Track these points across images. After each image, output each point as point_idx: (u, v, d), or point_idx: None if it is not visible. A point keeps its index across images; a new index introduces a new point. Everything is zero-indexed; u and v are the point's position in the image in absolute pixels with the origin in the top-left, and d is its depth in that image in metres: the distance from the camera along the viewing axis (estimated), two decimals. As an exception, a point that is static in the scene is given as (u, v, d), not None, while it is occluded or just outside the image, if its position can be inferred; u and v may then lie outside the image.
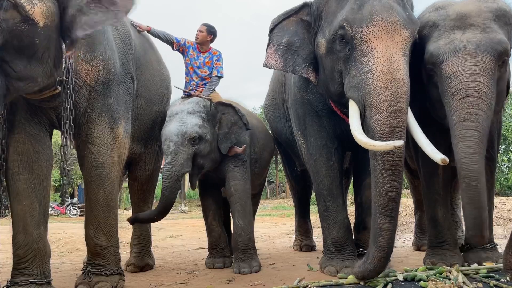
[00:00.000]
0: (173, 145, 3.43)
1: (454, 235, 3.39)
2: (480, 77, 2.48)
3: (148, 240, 3.98)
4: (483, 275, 2.72)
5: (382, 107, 2.42)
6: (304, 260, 4.02)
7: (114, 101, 2.90)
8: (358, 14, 2.58)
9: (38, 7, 2.21)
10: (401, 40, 2.53)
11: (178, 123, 3.50)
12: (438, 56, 2.66)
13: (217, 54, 4.05)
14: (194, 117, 3.56)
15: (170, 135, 3.46)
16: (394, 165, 2.40)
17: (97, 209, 2.88)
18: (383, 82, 2.44)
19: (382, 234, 2.44)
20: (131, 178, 3.98)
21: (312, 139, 3.38)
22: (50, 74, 2.41)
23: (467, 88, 2.47)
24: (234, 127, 3.71)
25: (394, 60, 2.47)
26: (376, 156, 2.44)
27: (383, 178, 2.41)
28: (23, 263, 2.68)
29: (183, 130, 3.47)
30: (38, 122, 2.78)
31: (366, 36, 2.53)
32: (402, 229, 6.50)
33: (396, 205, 2.46)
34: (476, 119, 2.43)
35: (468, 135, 2.42)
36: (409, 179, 4.86)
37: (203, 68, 4.04)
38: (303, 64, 3.03)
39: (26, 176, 2.70)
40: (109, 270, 2.92)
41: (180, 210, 15.75)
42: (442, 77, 2.62)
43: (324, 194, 3.35)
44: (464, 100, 2.47)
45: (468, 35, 2.62)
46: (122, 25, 3.13)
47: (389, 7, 2.54)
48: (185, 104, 3.67)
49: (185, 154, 3.45)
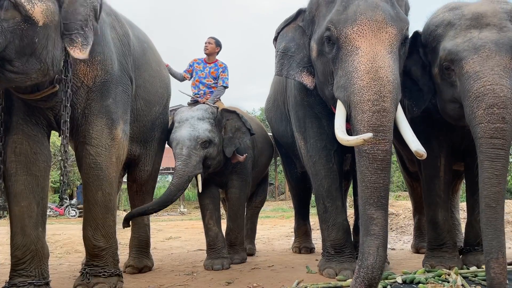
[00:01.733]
0: (186, 148, 3.68)
1: (454, 238, 3.39)
2: (503, 80, 2.44)
3: (147, 242, 3.97)
4: (482, 278, 2.71)
5: (365, 107, 2.38)
6: (303, 262, 4.02)
7: (112, 102, 2.90)
8: (343, 14, 2.57)
9: (38, 7, 2.23)
10: (387, 37, 2.49)
11: (189, 128, 3.77)
12: (457, 54, 2.62)
13: (222, 66, 4.40)
14: (204, 123, 3.83)
15: (182, 139, 3.72)
16: (380, 161, 2.35)
17: (96, 210, 2.87)
18: (366, 81, 2.40)
19: (375, 223, 2.33)
20: (130, 179, 3.98)
21: (312, 141, 3.38)
22: (46, 72, 2.40)
23: (492, 94, 2.41)
24: (238, 132, 3.99)
25: (378, 58, 2.43)
26: (361, 153, 2.40)
27: (369, 172, 2.36)
28: (21, 264, 2.67)
29: (195, 134, 3.73)
30: (35, 123, 2.78)
31: (350, 35, 2.51)
32: (401, 232, 6.50)
33: (385, 196, 2.39)
34: (502, 136, 2.39)
35: (495, 154, 2.39)
36: (407, 181, 4.86)
37: (208, 77, 4.37)
38: (297, 68, 3.06)
39: (24, 177, 2.70)
40: (108, 272, 2.91)
41: (179, 211, 15.76)
42: (463, 76, 2.58)
43: (324, 196, 3.35)
44: (490, 111, 2.40)
45: (486, 33, 2.60)
46: (120, 26, 3.13)
47: (375, 6, 2.51)
48: (195, 111, 3.93)
49: (197, 156, 3.71)
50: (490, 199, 2.34)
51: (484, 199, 2.35)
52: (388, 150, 2.38)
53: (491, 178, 2.36)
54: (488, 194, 2.34)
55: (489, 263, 2.24)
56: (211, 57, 4.42)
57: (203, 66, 4.39)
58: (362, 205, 2.41)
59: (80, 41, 2.46)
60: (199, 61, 4.43)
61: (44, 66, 2.36)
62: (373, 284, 2.27)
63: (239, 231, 4.25)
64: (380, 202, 2.36)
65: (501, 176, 2.36)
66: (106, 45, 2.85)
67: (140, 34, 3.64)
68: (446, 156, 3.26)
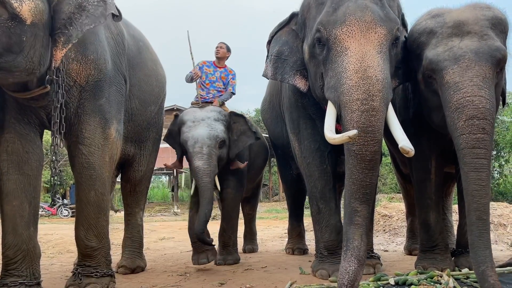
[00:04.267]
0: (207, 147, 3.71)
1: (446, 240, 3.40)
2: (482, 91, 2.46)
3: (140, 242, 3.95)
4: (474, 280, 2.73)
5: (354, 106, 2.39)
6: (296, 263, 4.02)
7: (106, 101, 2.88)
8: (332, 16, 2.59)
9: (26, 5, 2.21)
10: (376, 37, 2.50)
11: (208, 128, 3.80)
12: (438, 63, 2.65)
13: (232, 73, 4.50)
14: (220, 124, 3.90)
15: (202, 138, 3.73)
16: (368, 161, 2.37)
17: (88, 210, 2.85)
18: (355, 80, 2.40)
19: (359, 214, 2.38)
20: (124, 179, 3.96)
21: (306, 142, 3.39)
22: (31, 71, 2.38)
23: (471, 105, 2.44)
24: (243, 135, 4.08)
25: (367, 58, 2.44)
26: (349, 152, 2.41)
27: (356, 171, 2.38)
28: (13, 264, 2.65)
29: (215, 134, 3.78)
30: (28, 122, 2.76)
31: (340, 36, 2.52)
32: (394, 233, 6.52)
33: (370, 193, 2.43)
34: (484, 146, 2.42)
35: (479, 165, 2.41)
36: (401, 183, 4.88)
37: (218, 82, 4.45)
38: (290, 72, 3.08)
39: (16, 176, 2.68)
40: (100, 272, 2.89)
41: (173, 212, 15.70)
42: (444, 86, 2.61)
43: (317, 197, 3.35)
44: (470, 123, 2.43)
45: (467, 42, 2.62)
46: (115, 25, 3.12)
47: (364, 7, 2.53)
48: (210, 112, 3.98)
49: (216, 156, 3.77)
50: (481, 212, 2.36)
51: (475, 212, 2.37)
52: (376, 151, 2.39)
53: (479, 190, 2.38)
54: (479, 207, 2.37)
55: (485, 271, 2.27)
56: (221, 62, 4.49)
57: (213, 69, 4.44)
58: (347, 199, 2.46)
59: (62, 40, 2.43)
60: (209, 64, 4.47)
61: (30, 65, 2.34)
62: (362, 262, 2.34)
63: (232, 232, 4.24)
64: (365, 198, 2.40)
65: (487, 186, 2.40)
66: (99, 44, 2.83)
67: (135, 33, 3.61)
68: (437, 158, 3.28)
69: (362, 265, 2.34)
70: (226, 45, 4.51)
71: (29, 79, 2.46)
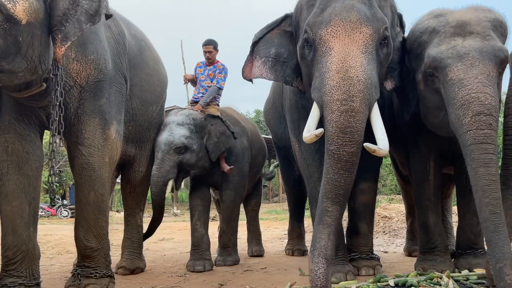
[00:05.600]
0: (161, 152, 3.76)
1: (445, 241, 3.40)
2: (486, 88, 2.46)
3: (140, 243, 3.95)
4: (473, 281, 2.72)
5: (334, 107, 2.38)
6: (296, 264, 4.02)
7: (106, 102, 2.88)
8: (319, 17, 2.58)
9: (20, 5, 2.18)
10: (361, 37, 2.49)
11: (167, 133, 3.83)
12: (441, 61, 2.64)
13: (220, 68, 4.35)
14: (182, 129, 3.86)
15: (159, 143, 3.80)
16: (344, 161, 2.37)
17: (88, 211, 2.85)
18: (336, 81, 2.40)
19: (329, 214, 2.40)
20: (124, 180, 3.96)
21: (306, 143, 3.38)
22: (34, 70, 2.37)
23: (477, 102, 2.43)
24: (222, 136, 4.00)
25: (350, 58, 2.43)
26: (327, 151, 2.42)
27: (332, 171, 2.39)
28: (12, 265, 2.65)
29: (170, 139, 3.79)
30: (28, 122, 2.76)
31: (324, 36, 2.52)
32: (394, 235, 6.52)
33: (344, 194, 2.43)
34: (492, 141, 2.41)
35: (488, 159, 2.38)
36: (401, 185, 4.88)
37: (206, 80, 4.37)
38: (292, 74, 3.05)
39: (15, 176, 2.68)
40: (99, 273, 2.89)
41: (172, 213, 15.68)
42: (447, 83, 2.59)
43: (317, 198, 3.34)
44: (477, 119, 2.42)
45: (470, 41, 2.63)
46: (115, 24, 3.11)
47: (350, 7, 2.51)
48: (177, 116, 3.99)
49: (171, 162, 3.76)
50: (494, 206, 2.30)
51: (487, 206, 2.31)
52: (354, 152, 2.39)
53: (490, 184, 2.33)
54: (491, 201, 2.31)
55: (502, 269, 2.18)
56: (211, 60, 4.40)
57: (204, 69, 4.40)
58: (320, 197, 2.48)
59: (60, 37, 2.40)
60: (201, 65, 4.43)
61: (31, 65, 2.33)
62: (329, 262, 2.36)
63: (232, 233, 4.24)
64: (337, 199, 2.42)
65: (497, 181, 2.36)
66: (99, 44, 2.83)
67: (137, 33, 3.61)
68: (435, 160, 3.27)
69: (330, 264, 2.37)
70: (213, 45, 4.35)
71: (33, 78, 2.44)
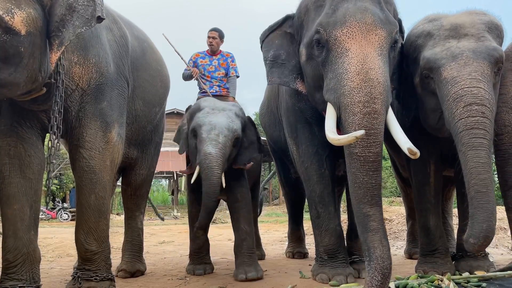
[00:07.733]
0: (223, 137, 3.29)
1: (446, 244, 3.40)
2: (480, 83, 2.47)
3: (140, 246, 3.95)
4: (474, 284, 2.73)
5: (356, 109, 2.38)
6: (296, 267, 4.01)
7: (107, 105, 2.88)
8: (332, 17, 2.58)
9: (18, 16, 2.16)
10: (377, 39, 2.50)
11: (228, 119, 3.39)
12: (436, 62, 2.67)
13: (230, 56, 4.12)
14: (239, 121, 3.53)
15: (221, 126, 3.32)
16: (371, 162, 2.36)
17: (88, 214, 2.85)
18: (356, 82, 2.40)
19: (372, 219, 2.34)
20: (125, 183, 3.95)
21: (304, 146, 3.39)
22: (35, 79, 2.37)
23: (470, 94, 2.44)
24: (251, 146, 3.70)
25: (369, 60, 2.43)
26: (351, 155, 2.40)
27: (361, 174, 2.36)
28: (13, 268, 2.65)
29: (234, 127, 3.38)
30: (30, 126, 2.76)
31: (340, 37, 2.52)
32: (394, 237, 6.51)
33: (378, 194, 2.40)
34: (483, 127, 2.40)
35: (477, 143, 2.37)
36: (401, 187, 4.88)
37: (219, 70, 4.10)
38: (290, 75, 3.05)
39: (17, 179, 2.68)
40: (100, 276, 2.89)
41: (173, 215, 15.68)
42: (441, 82, 2.62)
43: (316, 201, 3.35)
44: (469, 108, 2.43)
45: (464, 43, 2.66)
46: (118, 27, 3.11)
47: (364, 9, 2.52)
48: (231, 105, 3.64)
49: (229, 149, 3.35)
50: (479, 185, 2.30)
51: (473, 187, 2.31)
52: (378, 152, 2.40)
53: (477, 167, 2.33)
54: (477, 182, 2.31)
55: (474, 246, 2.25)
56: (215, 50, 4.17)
57: (209, 59, 4.14)
58: (356, 205, 2.42)
59: (57, 43, 2.40)
60: (203, 55, 4.18)
61: (32, 74, 2.33)
62: (386, 274, 2.28)
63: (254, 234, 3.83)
64: (374, 200, 2.38)
65: (486, 164, 2.33)
66: (101, 47, 2.83)
67: (140, 34, 3.60)
68: (436, 162, 3.28)
69: (388, 277, 2.28)
70: (218, 33, 4.12)
71: (35, 86, 2.44)
